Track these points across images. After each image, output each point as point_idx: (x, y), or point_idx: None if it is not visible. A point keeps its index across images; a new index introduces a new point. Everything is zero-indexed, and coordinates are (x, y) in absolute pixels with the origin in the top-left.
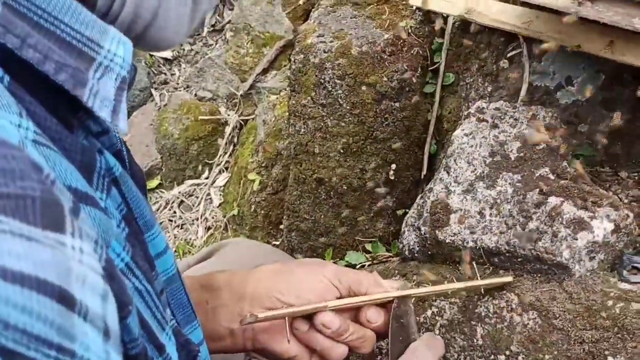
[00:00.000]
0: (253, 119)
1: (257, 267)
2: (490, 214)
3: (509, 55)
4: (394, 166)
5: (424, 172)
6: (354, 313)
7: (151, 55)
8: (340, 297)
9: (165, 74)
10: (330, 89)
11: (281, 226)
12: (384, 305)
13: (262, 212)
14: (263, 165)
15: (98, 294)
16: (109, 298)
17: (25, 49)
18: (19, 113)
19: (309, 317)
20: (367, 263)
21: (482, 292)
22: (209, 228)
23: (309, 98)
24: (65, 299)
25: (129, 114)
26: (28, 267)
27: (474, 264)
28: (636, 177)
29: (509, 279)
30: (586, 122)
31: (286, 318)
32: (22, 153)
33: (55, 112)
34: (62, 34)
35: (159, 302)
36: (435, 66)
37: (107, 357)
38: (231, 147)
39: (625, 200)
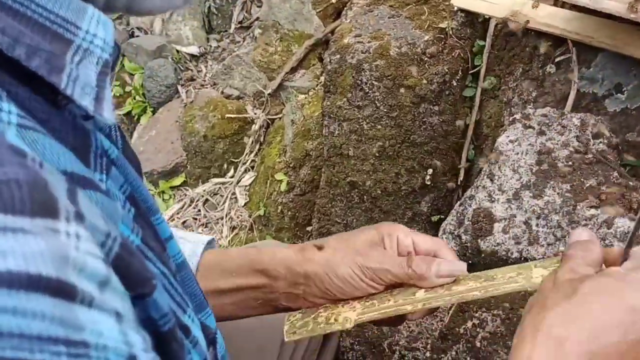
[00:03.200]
0: (280, 118)
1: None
2: (537, 224)
3: (556, 60)
4: (430, 171)
5: (461, 177)
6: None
7: (178, 52)
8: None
9: (192, 70)
10: (367, 90)
11: (308, 228)
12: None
13: (289, 213)
14: (291, 165)
15: (99, 279)
16: (112, 281)
17: None
18: None
19: None
20: None
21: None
22: (234, 228)
23: (345, 99)
24: (64, 290)
25: (155, 110)
26: (17, 264)
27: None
28: None
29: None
30: (634, 130)
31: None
32: None
33: (39, 92)
34: (33, 15)
35: (176, 284)
36: (476, 69)
37: (126, 339)
38: (257, 146)
39: None
